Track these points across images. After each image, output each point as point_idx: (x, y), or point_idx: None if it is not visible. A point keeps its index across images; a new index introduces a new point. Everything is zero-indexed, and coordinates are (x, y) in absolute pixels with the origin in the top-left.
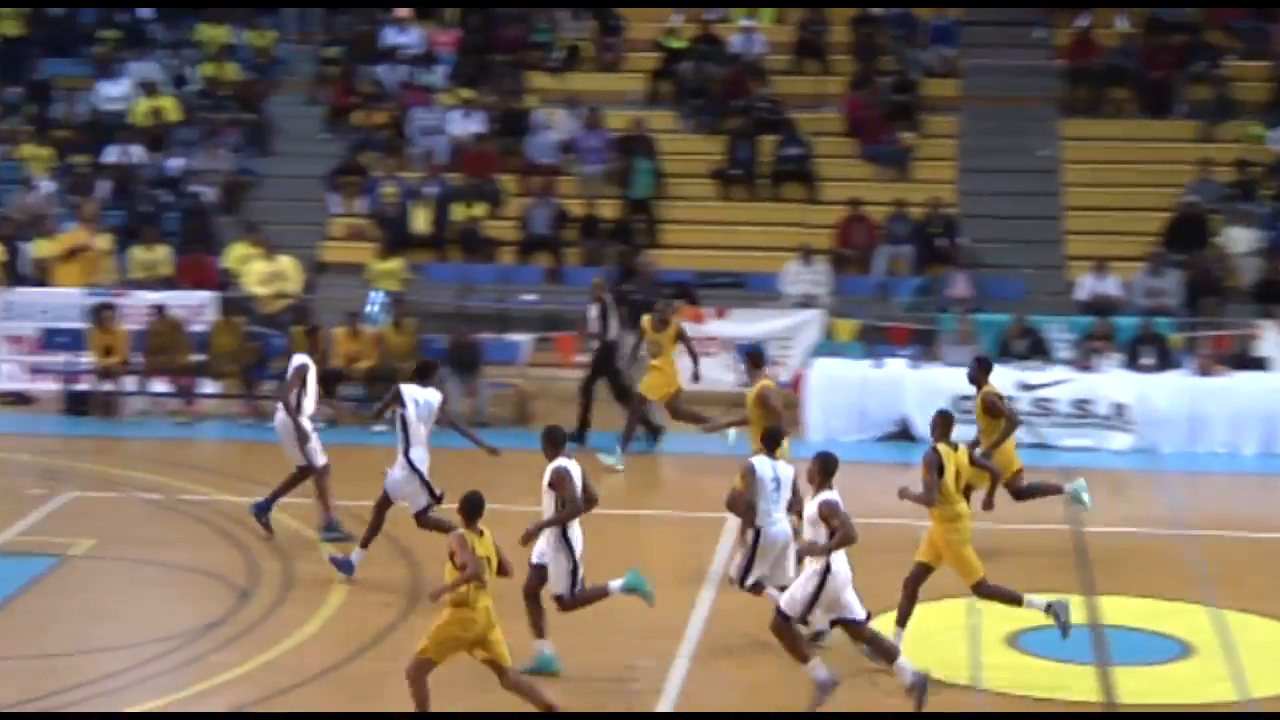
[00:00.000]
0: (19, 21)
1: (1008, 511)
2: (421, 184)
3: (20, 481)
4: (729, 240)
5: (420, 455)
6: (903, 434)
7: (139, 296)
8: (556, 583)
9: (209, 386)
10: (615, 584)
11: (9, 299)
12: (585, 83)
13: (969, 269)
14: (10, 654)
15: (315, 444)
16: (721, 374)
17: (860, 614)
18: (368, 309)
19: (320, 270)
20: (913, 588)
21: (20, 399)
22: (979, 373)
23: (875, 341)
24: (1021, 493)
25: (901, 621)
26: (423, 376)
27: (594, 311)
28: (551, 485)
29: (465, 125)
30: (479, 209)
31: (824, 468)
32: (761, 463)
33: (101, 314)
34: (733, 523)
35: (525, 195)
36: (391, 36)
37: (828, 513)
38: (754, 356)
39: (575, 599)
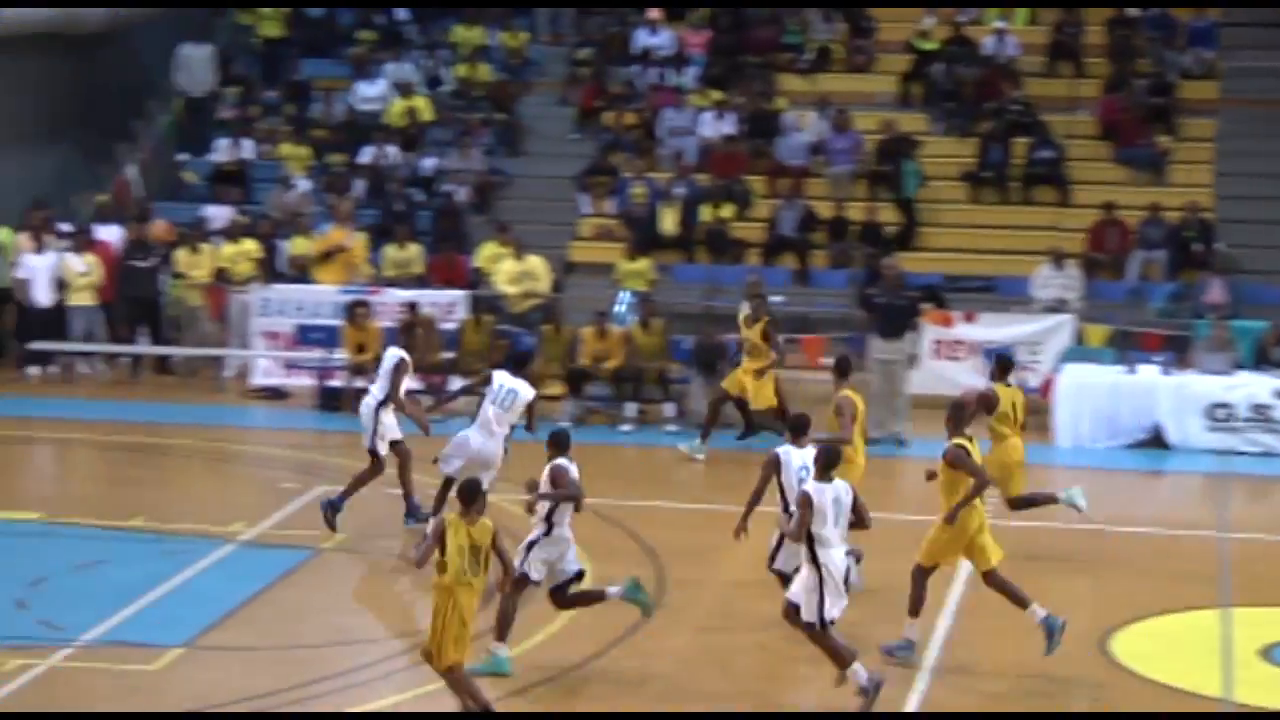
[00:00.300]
0: (279, 23)
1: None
2: (670, 185)
3: (275, 475)
4: (980, 243)
5: (474, 436)
6: (1154, 441)
7: (391, 294)
8: (534, 572)
9: (458, 383)
10: (613, 590)
11: (266, 296)
12: (835, 84)
13: (1225, 274)
14: (264, 644)
15: (389, 436)
16: (969, 378)
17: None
18: (615, 309)
19: (569, 270)
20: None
21: (275, 394)
22: (997, 370)
23: (1127, 347)
24: (1018, 503)
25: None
26: (515, 366)
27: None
28: (552, 482)
29: (715, 126)
30: (727, 210)
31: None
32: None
33: (355, 311)
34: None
35: (773, 197)
36: (643, 38)
37: (800, 501)
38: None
39: (555, 594)
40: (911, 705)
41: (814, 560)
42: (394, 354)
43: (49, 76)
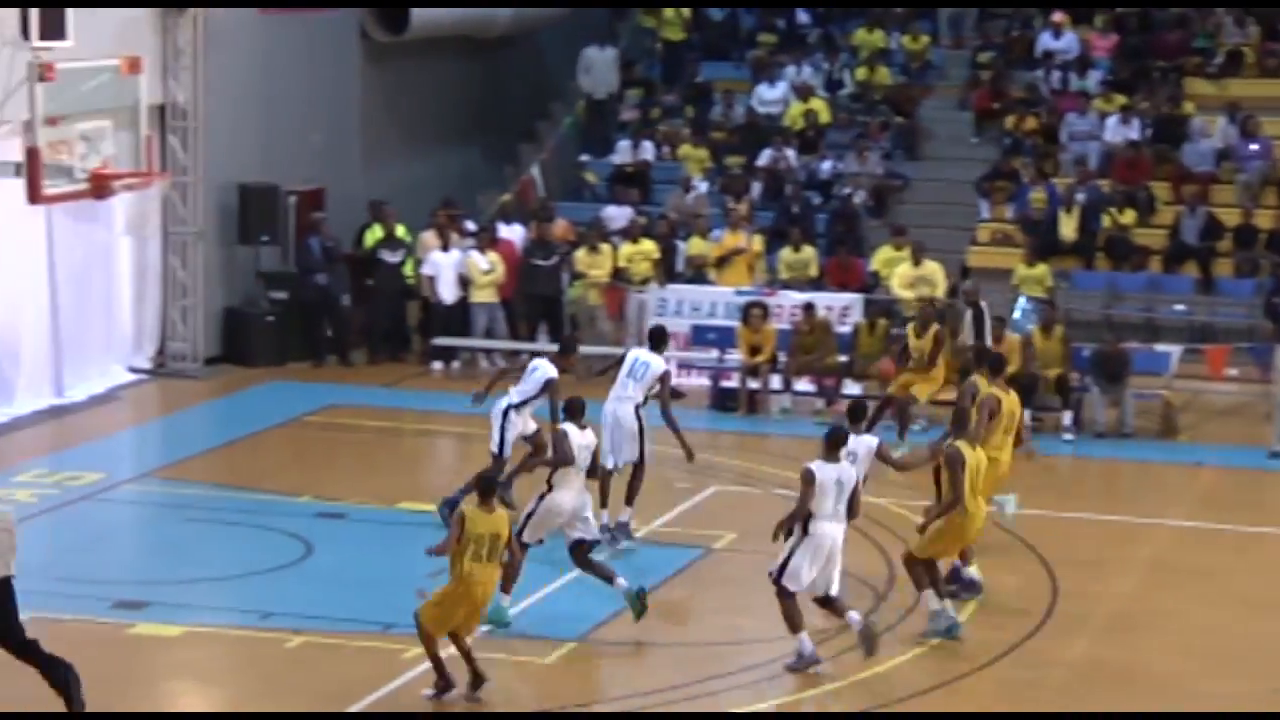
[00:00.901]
0: (680, 27)
1: None
2: (1071, 190)
3: (668, 474)
4: None
5: (611, 409)
6: None
7: (787, 296)
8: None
9: (853, 388)
10: (621, 583)
11: (663, 296)
12: (1245, 89)
13: None
14: (655, 641)
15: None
16: None
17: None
18: (1014, 315)
19: (965, 275)
20: None
21: (671, 394)
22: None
23: None
24: None
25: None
26: (654, 343)
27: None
28: (552, 446)
29: (1119, 131)
30: (1128, 216)
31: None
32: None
33: (751, 313)
34: None
35: (1177, 203)
36: (1046, 41)
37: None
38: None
39: (573, 552)
40: None
41: (805, 529)
42: (551, 371)
43: (458, 79)
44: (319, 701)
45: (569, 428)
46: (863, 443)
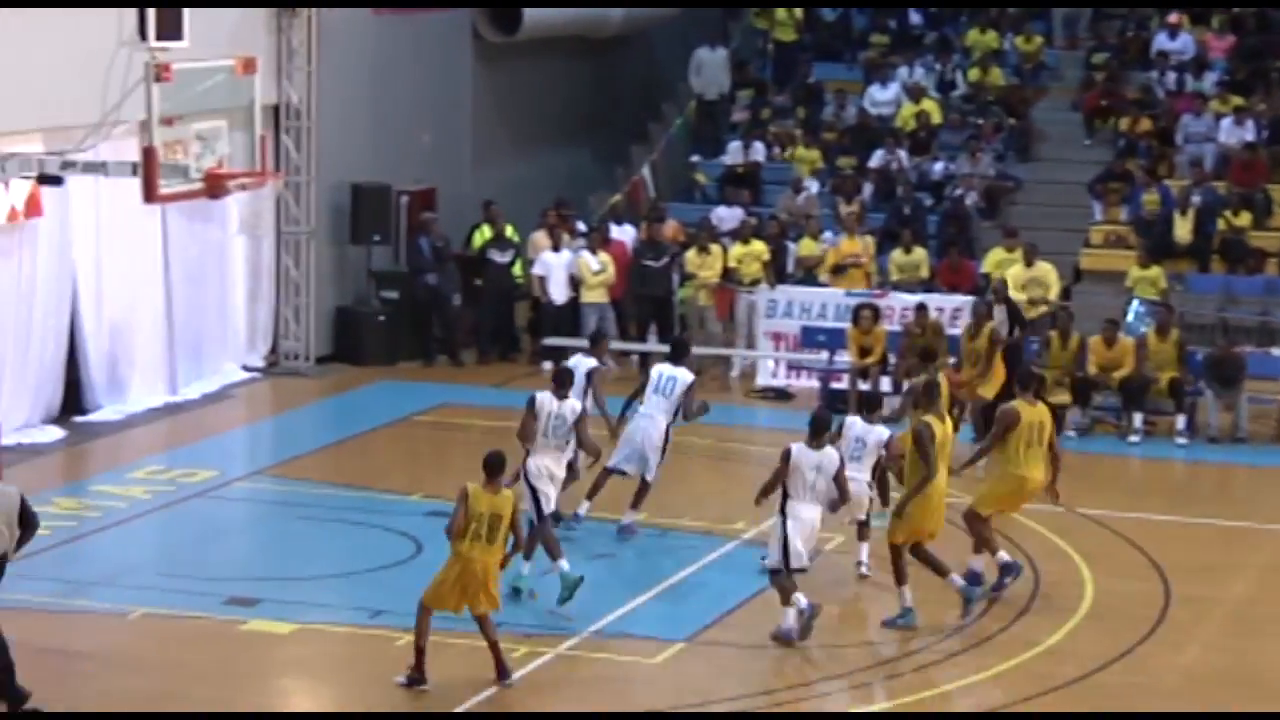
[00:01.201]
0: (792, 28)
1: None
2: (1186, 192)
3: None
4: None
5: (642, 425)
6: None
7: (897, 298)
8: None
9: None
10: (563, 564)
11: (773, 297)
12: None
13: None
14: (765, 643)
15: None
16: None
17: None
18: (1127, 318)
19: (1078, 277)
20: None
21: (780, 395)
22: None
23: None
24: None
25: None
26: (676, 356)
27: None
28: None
29: (1235, 133)
30: (1244, 219)
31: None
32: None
33: (861, 314)
34: None
35: None
36: (1161, 42)
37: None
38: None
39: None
40: None
41: (782, 511)
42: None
43: (569, 79)
44: (425, 700)
45: (542, 395)
46: (873, 433)
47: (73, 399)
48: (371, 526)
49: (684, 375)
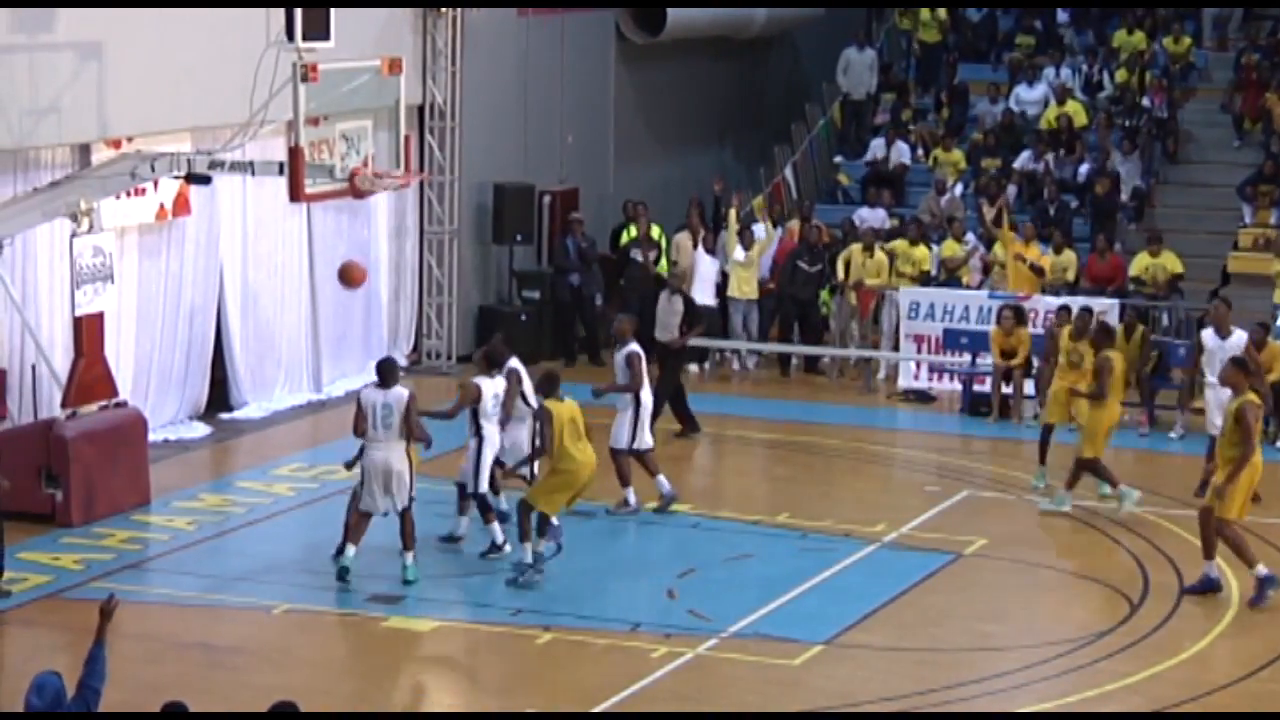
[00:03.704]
0: (937, 28)
1: None
2: None
3: (918, 478)
4: None
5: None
6: None
7: (1041, 300)
8: None
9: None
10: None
11: (914, 299)
12: None
13: None
14: (905, 645)
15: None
16: None
17: None
18: (1278, 322)
19: (1226, 280)
20: None
21: (922, 397)
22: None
23: None
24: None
25: None
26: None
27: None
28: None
29: None
30: None
31: None
32: None
33: (1004, 315)
34: None
35: None
36: None
37: None
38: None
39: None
40: None
41: None
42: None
43: (713, 79)
44: (565, 699)
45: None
46: None
47: (219, 396)
48: (512, 525)
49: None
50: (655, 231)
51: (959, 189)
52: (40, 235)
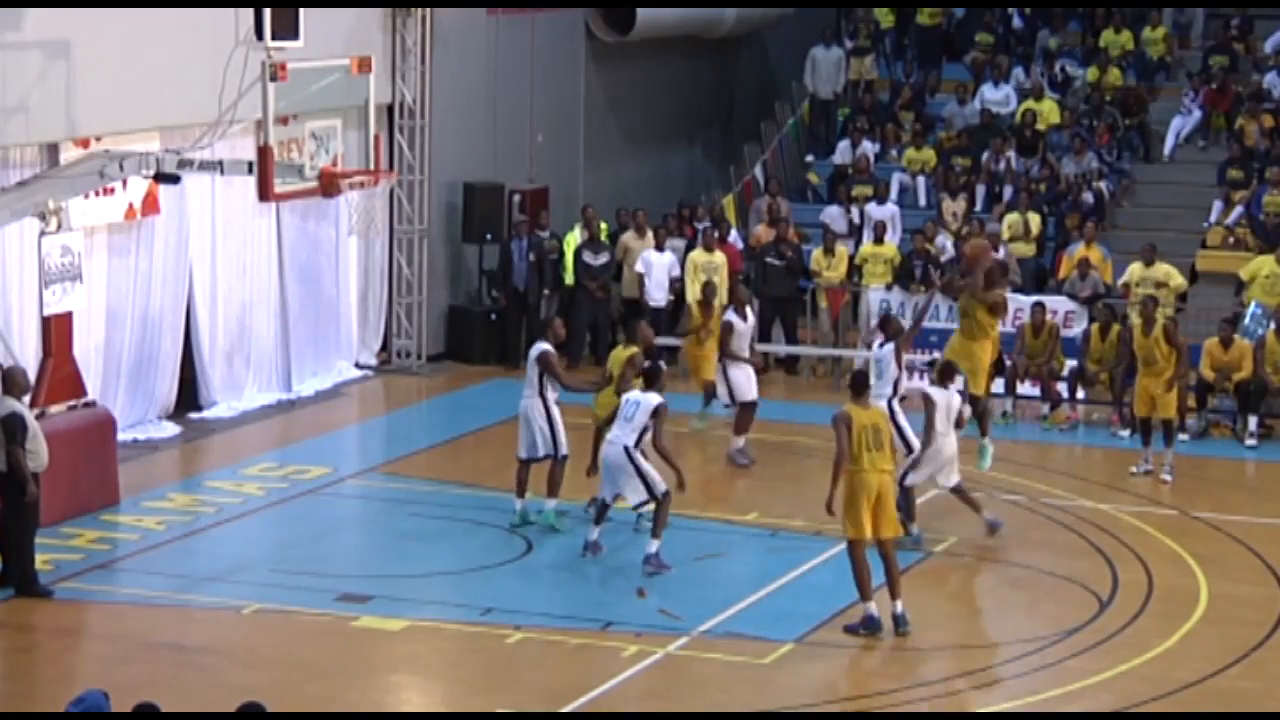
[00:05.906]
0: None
1: None
2: None
3: None
4: None
5: (604, 450)
6: None
7: (1014, 299)
8: None
9: (1081, 394)
10: (550, 504)
11: (884, 298)
12: None
13: None
14: (874, 644)
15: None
16: None
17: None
18: (1244, 320)
19: (1194, 279)
20: None
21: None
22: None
23: None
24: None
25: None
26: (649, 382)
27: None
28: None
29: None
30: None
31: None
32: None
33: None
34: None
35: None
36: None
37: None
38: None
39: None
40: None
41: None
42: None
43: (683, 79)
44: (537, 698)
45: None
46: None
47: (188, 396)
48: (482, 524)
49: (649, 399)
50: (604, 233)
51: (924, 187)
52: (9, 235)
